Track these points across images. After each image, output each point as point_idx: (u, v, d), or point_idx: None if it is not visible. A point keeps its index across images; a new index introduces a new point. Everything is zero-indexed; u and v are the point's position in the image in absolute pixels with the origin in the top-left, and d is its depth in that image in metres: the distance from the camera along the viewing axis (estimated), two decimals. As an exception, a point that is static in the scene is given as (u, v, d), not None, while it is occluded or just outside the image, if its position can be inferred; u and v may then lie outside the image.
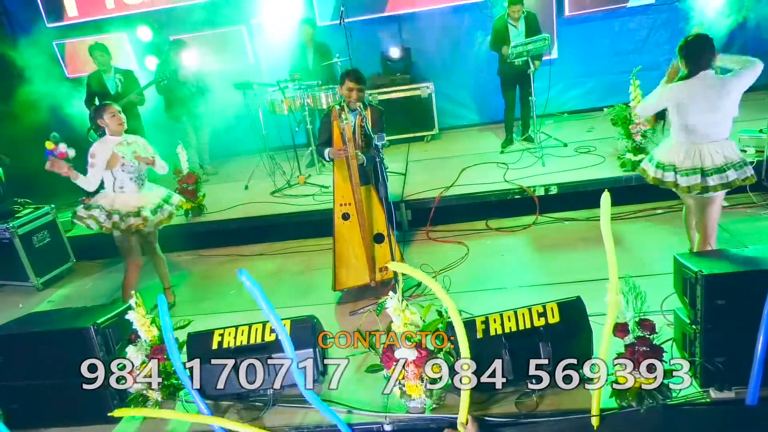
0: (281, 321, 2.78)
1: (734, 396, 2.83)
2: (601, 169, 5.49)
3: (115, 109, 4.09)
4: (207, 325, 3.40)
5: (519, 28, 6.17)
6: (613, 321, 2.74)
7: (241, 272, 2.62)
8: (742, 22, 7.24)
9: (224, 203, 6.12)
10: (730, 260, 3.02)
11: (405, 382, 2.90)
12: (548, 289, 4.07)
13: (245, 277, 2.62)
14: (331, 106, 4.18)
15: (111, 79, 6.14)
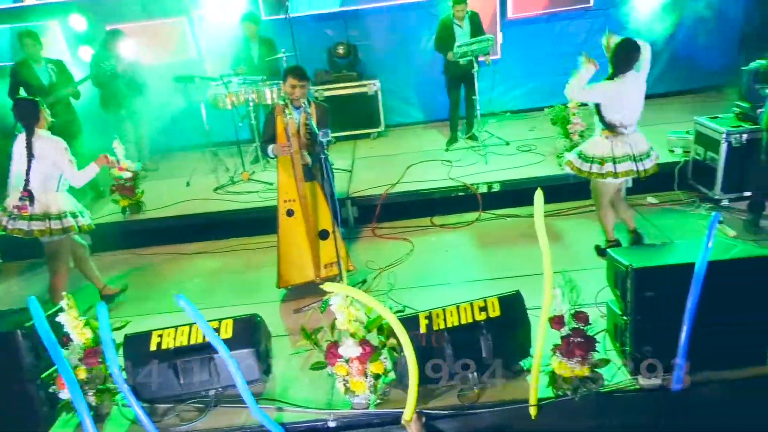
0: (218, 337, 2.71)
1: (661, 383, 2.99)
2: (541, 167, 5.67)
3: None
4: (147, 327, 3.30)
5: (464, 28, 6.27)
6: (548, 314, 2.84)
7: (178, 297, 2.55)
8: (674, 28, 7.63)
9: (164, 200, 5.94)
10: (658, 254, 3.18)
11: (349, 378, 2.90)
12: (490, 284, 4.17)
13: (183, 302, 2.54)
14: (276, 103, 4.12)
15: (43, 69, 5.81)
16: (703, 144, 5.12)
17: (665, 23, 7.59)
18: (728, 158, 4.82)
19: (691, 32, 7.64)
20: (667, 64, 7.74)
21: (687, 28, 7.63)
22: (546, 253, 2.77)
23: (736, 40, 7.72)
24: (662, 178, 5.30)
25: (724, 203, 4.95)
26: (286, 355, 3.57)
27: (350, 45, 7.41)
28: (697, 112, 5.45)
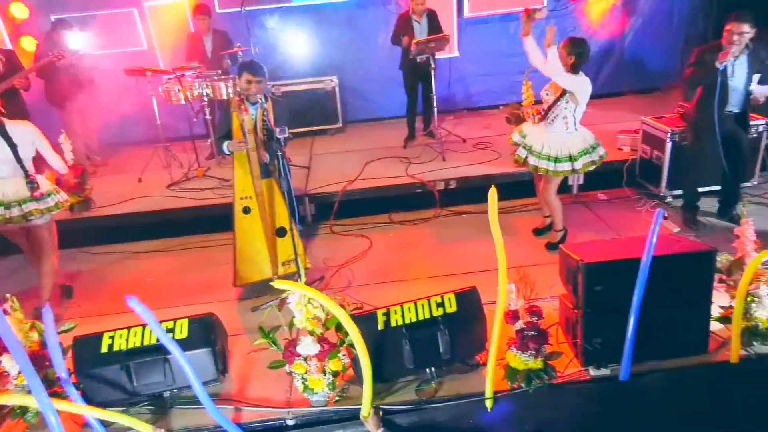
0: (171, 339, 2.65)
1: (610, 373, 3.11)
2: (497, 165, 5.77)
3: None
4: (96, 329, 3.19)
5: (422, 24, 6.31)
6: (503, 309, 2.91)
7: (129, 299, 2.48)
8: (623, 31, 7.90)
9: (115, 197, 5.76)
10: (608, 250, 3.29)
11: (308, 376, 2.90)
12: (448, 280, 4.22)
13: (134, 304, 2.48)
14: (231, 98, 4.05)
15: None
16: (650, 143, 5.34)
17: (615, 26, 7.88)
18: (672, 156, 5.03)
19: (639, 35, 7.93)
20: (616, 66, 8.01)
21: (635, 32, 7.92)
22: (500, 249, 2.83)
23: (680, 44, 8.05)
24: (611, 175, 5.51)
25: (669, 200, 5.17)
26: (244, 354, 3.53)
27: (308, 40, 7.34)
28: (644, 112, 5.66)
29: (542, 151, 4.32)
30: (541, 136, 4.36)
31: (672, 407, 3.12)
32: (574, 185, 5.58)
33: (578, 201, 5.47)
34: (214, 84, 6.02)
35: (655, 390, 3.12)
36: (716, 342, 3.24)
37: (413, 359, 3.01)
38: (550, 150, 4.30)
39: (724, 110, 4.37)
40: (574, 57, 4.12)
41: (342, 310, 2.69)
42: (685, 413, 3.11)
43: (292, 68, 7.33)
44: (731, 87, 4.32)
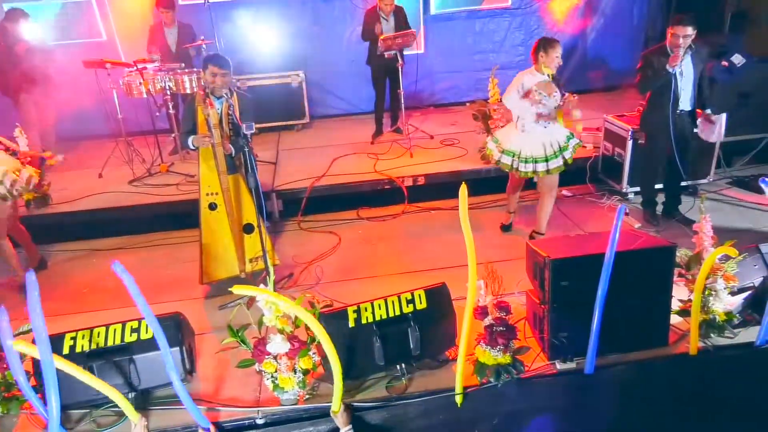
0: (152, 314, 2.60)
1: (575, 366, 3.18)
2: (464, 161, 5.82)
3: None
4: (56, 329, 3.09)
5: (389, 21, 6.30)
6: (473, 304, 2.94)
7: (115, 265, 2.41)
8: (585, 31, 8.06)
9: (74, 193, 5.57)
10: (573, 246, 3.37)
11: (278, 374, 2.87)
12: (417, 276, 4.26)
13: (119, 269, 2.41)
14: (196, 92, 3.97)
15: None
16: (611, 140, 5.47)
17: (578, 25, 8.04)
18: (633, 154, 5.17)
19: (600, 35, 8.11)
20: (578, 64, 8.18)
21: (597, 31, 8.10)
22: (470, 246, 2.85)
23: (640, 44, 8.27)
24: (575, 172, 5.62)
25: (630, 196, 5.32)
26: (212, 353, 3.47)
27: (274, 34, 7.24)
28: (607, 110, 5.80)
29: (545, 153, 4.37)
30: (538, 138, 4.38)
31: (635, 398, 3.22)
32: (539, 181, 5.66)
33: (543, 197, 5.56)
34: (177, 77, 5.89)
35: (618, 382, 3.20)
36: (676, 335, 3.35)
37: (384, 356, 3.02)
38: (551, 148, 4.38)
39: (677, 110, 4.51)
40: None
41: (304, 311, 2.67)
42: (648, 404, 3.21)
43: (257, 62, 7.22)
44: (680, 87, 4.46)
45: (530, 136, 4.36)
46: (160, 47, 6.22)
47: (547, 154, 4.36)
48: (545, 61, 4.21)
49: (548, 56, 4.21)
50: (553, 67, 4.22)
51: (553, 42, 4.25)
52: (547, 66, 4.21)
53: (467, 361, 3.03)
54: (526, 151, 4.37)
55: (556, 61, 4.22)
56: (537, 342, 3.35)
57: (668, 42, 4.37)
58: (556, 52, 4.21)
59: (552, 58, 4.21)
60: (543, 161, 4.34)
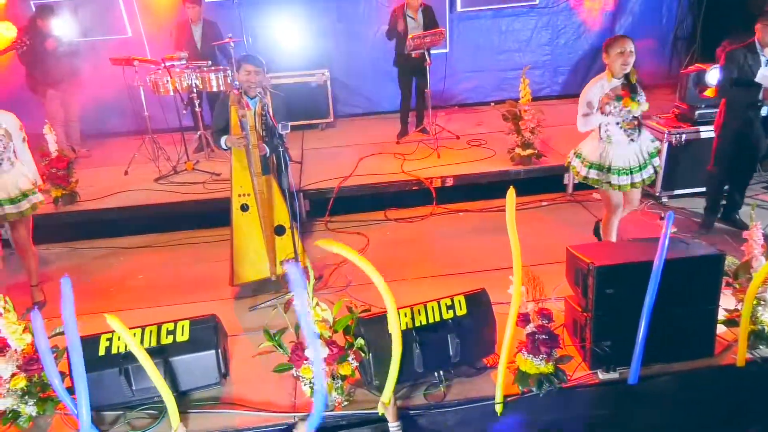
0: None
1: (618, 376, 3.09)
2: (492, 163, 5.73)
3: None
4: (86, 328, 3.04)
5: (417, 20, 6.22)
6: (516, 311, 2.87)
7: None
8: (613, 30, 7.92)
9: (100, 190, 5.57)
10: (617, 252, 3.27)
11: (316, 380, 2.81)
12: (449, 279, 4.18)
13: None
14: (229, 92, 3.92)
15: None
16: (645, 143, 5.34)
17: (605, 24, 7.91)
18: (669, 157, 5.05)
19: (628, 34, 7.93)
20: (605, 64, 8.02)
21: (624, 30, 7.95)
22: (516, 251, 2.78)
23: (669, 43, 8.12)
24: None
25: (664, 200, 5.19)
26: (244, 355, 3.43)
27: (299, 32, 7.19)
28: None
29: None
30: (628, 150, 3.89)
31: (680, 410, 3.13)
32: (569, 184, 5.57)
33: (574, 200, 5.47)
34: (204, 75, 5.86)
35: (662, 393, 3.11)
36: (722, 345, 3.24)
37: (423, 362, 2.95)
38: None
39: (760, 113, 4.27)
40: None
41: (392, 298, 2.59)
42: (692, 416, 3.11)
43: (281, 60, 7.16)
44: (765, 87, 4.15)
45: (620, 146, 3.83)
46: (186, 44, 6.19)
47: (640, 163, 3.86)
48: (608, 64, 3.73)
49: (609, 57, 3.70)
50: (619, 68, 3.68)
51: (612, 39, 3.71)
52: (610, 69, 3.73)
53: (507, 369, 2.96)
54: (618, 162, 3.83)
55: (619, 60, 3.65)
56: (577, 350, 3.26)
57: (758, 38, 4.12)
58: (617, 48, 3.63)
59: (613, 59, 3.67)
60: (637, 171, 3.85)
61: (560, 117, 6.31)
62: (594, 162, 3.90)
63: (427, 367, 2.98)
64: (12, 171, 3.90)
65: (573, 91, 8.10)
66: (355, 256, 2.55)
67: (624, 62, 3.65)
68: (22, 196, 3.91)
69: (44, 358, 2.65)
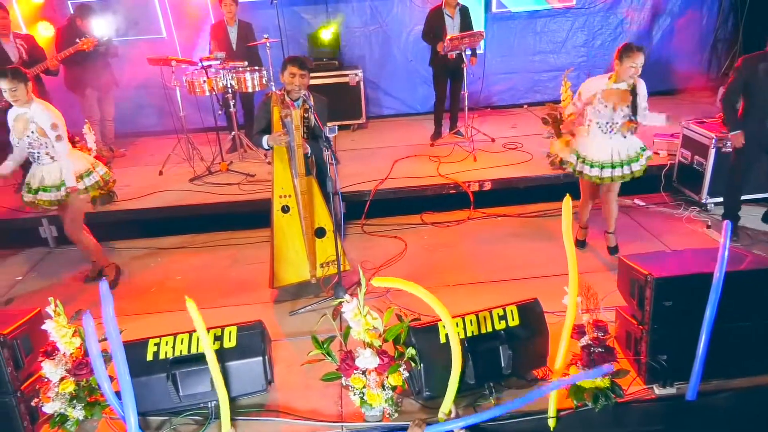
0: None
1: (675, 392, 2.98)
2: (530, 167, 5.62)
3: (4, 84, 3.70)
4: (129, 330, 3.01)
5: (455, 19, 6.13)
6: (572, 323, 2.78)
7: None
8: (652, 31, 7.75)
9: (136, 190, 5.58)
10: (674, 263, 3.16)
11: (366, 390, 2.75)
12: (490, 286, 4.11)
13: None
14: (273, 93, 3.88)
15: (11, 45, 5.33)
16: (690, 148, 5.20)
17: (643, 25, 7.73)
18: (716, 163, 4.90)
19: (667, 35, 7.78)
20: (644, 66, 7.84)
21: (663, 31, 7.78)
22: (572, 261, 2.69)
23: (708, 45, 7.92)
24: (647, 180, 5.35)
25: (710, 207, 5.04)
26: (288, 361, 3.38)
27: (333, 33, 7.15)
28: (674, 115, 5.50)
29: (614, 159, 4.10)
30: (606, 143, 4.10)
31: (739, 428, 3.00)
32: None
33: (615, 205, 5.32)
34: (239, 75, 5.85)
35: (722, 410, 2.99)
36: (784, 361, 3.11)
37: (474, 374, 2.87)
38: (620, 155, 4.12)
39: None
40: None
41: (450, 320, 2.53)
42: (754, 436, 2.99)
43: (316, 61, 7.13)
44: None
45: (596, 140, 4.09)
46: (221, 45, 6.18)
47: (613, 161, 4.06)
48: (617, 70, 3.86)
49: (621, 65, 3.82)
50: (627, 78, 3.84)
51: (628, 49, 3.80)
52: (620, 76, 3.86)
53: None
54: (592, 155, 4.10)
55: (630, 71, 3.81)
56: (630, 364, 3.15)
57: None
58: (632, 62, 3.77)
59: (625, 68, 3.81)
60: (609, 167, 4.07)
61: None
62: (578, 151, 4.20)
63: (479, 379, 2.90)
64: (52, 164, 3.97)
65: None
66: (416, 289, 2.48)
67: (632, 75, 3.84)
68: (56, 187, 3.97)
69: (95, 363, 2.64)
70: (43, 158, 3.95)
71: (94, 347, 2.63)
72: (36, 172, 4.00)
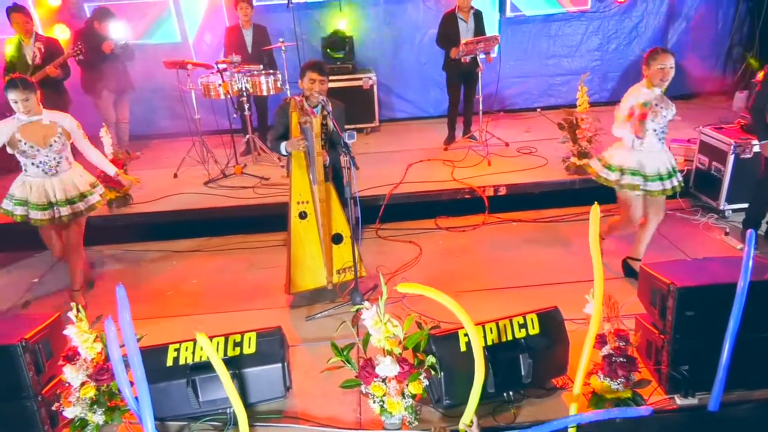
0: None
1: (697, 402, 2.95)
2: (545, 172, 5.59)
3: (14, 95, 3.62)
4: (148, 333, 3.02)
5: (468, 24, 6.12)
6: (595, 333, 2.75)
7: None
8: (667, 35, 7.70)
9: (151, 193, 5.60)
10: (695, 272, 3.13)
11: (386, 398, 2.74)
12: (506, 293, 4.09)
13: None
14: (291, 99, 3.88)
15: (30, 47, 5.38)
16: (708, 154, 5.15)
17: (658, 28, 7.68)
18: (735, 170, 4.85)
19: (682, 39, 7.73)
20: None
21: (678, 35, 7.73)
22: (599, 271, 2.67)
23: (724, 49, 7.86)
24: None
25: (728, 214, 4.99)
26: (305, 367, 3.38)
27: (346, 36, 7.16)
28: (691, 120, 5.47)
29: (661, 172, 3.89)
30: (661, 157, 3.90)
31: (763, 440, 2.97)
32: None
33: (630, 211, 5.29)
34: (255, 79, 5.86)
35: (744, 421, 2.96)
36: (808, 372, 3.07)
37: (494, 383, 2.86)
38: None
39: None
40: None
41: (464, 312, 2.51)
42: (778, 448, 2.95)
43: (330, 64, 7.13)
44: None
45: (653, 150, 3.84)
46: (236, 48, 6.20)
47: (669, 172, 3.88)
48: (647, 75, 3.73)
49: (649, 69, 3.71)
50: (658, 82, 3.69)
51: (653, 52, 3.70)
52: (649, 81, 3.72)
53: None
54: (650, 167, 3.83)
55: (659, 75, 3.67)
56: (651, 373, 3.12)
57: None
58: (658, 64, 3.65)
59: (653, 73, 3.68)
60: (667, 179, 3.86)
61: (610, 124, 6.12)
62: (630, 168, 3.87)
63: (498, 388, 2.89)
64: (70, 171, 3.94)
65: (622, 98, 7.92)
66: (441, 297, 2.46)
67: (663, 77, 3.67)
68: (78, 197, 3.93)
69: (116, 368, 2.64)
70: (62, 165, 3.87)
71: (116, 353, 2.64)
72: (54, 184, 3.84)
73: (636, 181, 3.84)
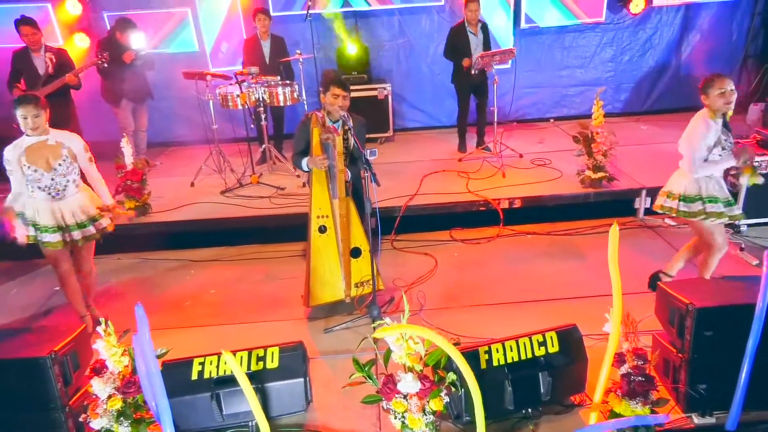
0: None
1: (715, 422, 2.97)
2: (560, 184, 5.62)
3: (25, 110, 3.56)
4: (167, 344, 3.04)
5: (478, 36, 6.17)
6: (614, 352, 2.79)
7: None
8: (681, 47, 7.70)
9: (169, 202, 5.68)
10: (714, 291, 3.15)
11: (407, 414, 2.78)
12: (522, 307, 4.11)
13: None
14: (314, 114, 3.93)
15: (40, 59, 5.47)
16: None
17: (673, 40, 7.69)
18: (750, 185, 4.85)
19: (696, 51, 7.74)
20: (672, 81, 7.83)
21: (692, 47, 7.74)
22: (617, 290, 2.70)
23: (738, 61, 7.85)
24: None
25: (743, 229, 5.00)
26: (324, 380, 3.43)
27: (361, 47, 7.23)
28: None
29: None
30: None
31: (780, 461, 2.98)
32: (640, 208, 5.42)
33: (645, 225, 5.32)
34: (272, 90, 5.93)
35: (762, 441, 2.98)
36: (826, 393, 3.08)
37: (513, 400, 2.89)
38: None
39: None
40: None
41: (455, 349, 2.57)
42: (795, 468, 2.97)
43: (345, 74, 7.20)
44: None
45: (719, 180, 3.78)
46: (254, 59, 6.27)
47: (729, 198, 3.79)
48: (708, 104, 3.59)
49: (708, 98, 3.57)
50: (721, 107, 3.55)
51: (709, 80, 3.57)
52: (711, 110, 3.59)
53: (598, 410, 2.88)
54: (721, 194, 3.75)
55: (721, 100, 3.52)
56: (668, 392, 3.14)
57: None
58: (717, 89, 3.50)
59: (714, 99, 3.53)
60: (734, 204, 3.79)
61: (623, 136, 6.16)
62: (715, 196, 3.74)
63: (517, 405, 2.92)
64: (78, 195, 3.84)
65: (635, 109, 7.96)
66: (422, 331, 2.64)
67: (726, 101, 3.53)
68: (89, 221, 3.86)
69: (143, 382, 2.70)
70: (69, 189, 3.77)
71: (143, 367, 2.70)
72: (61, 207, 3.76)
73: (718, 208, 3.71)
